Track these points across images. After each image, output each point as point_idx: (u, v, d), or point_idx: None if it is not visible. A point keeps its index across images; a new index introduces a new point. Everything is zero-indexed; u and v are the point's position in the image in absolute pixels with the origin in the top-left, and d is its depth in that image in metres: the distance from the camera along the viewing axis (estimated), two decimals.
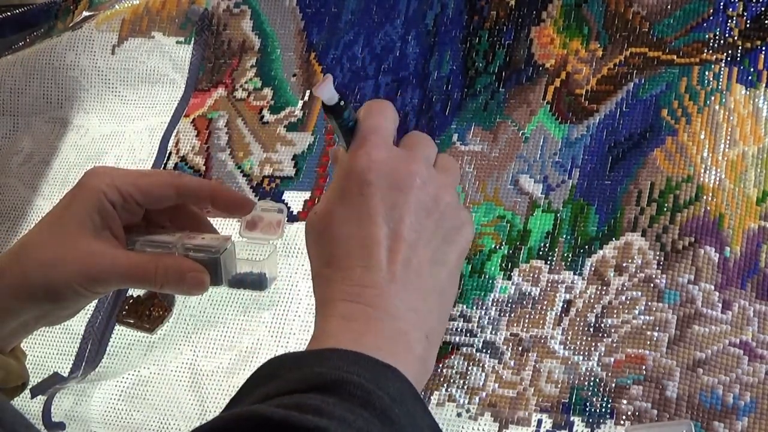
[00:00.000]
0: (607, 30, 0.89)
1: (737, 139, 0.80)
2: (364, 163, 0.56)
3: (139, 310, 0.88)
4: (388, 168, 0.56)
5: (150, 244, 0.66)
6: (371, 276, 0.54)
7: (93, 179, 0.65)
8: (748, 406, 0.69)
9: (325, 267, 0.56)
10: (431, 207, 0.57)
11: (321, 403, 0.47)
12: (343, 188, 0.57)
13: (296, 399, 0.47)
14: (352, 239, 0.55)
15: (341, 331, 0.53)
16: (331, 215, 0.56)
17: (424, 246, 0.56)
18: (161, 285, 0.64)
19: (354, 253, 0.55)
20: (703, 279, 0.75)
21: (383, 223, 0.55)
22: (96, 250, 0.63)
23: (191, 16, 1.07)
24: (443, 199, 0.58)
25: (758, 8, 0.84)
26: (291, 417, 0.45)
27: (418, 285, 0.56)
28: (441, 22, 0.96)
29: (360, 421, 0.46)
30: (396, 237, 0.55)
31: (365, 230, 0.55)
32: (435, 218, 0.57)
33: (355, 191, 0.56)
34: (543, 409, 0.73)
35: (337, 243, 0.56)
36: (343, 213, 0.56)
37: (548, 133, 0.86)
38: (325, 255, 0.56)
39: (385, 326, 0.53)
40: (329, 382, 0.48)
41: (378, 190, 0.56)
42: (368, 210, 0.55)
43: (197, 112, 1.01)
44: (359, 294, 0.54)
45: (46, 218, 0.66)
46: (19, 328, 0.66)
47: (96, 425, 0.84)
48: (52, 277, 0.63)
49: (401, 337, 0.54)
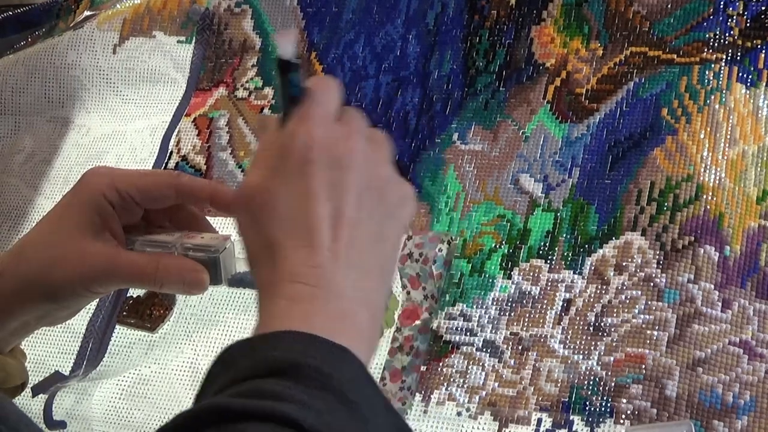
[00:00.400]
0: (608, 29, 0.89)
1: (737, 138, 0.80)
2: (304, 139, 0.56)
3: (139, 309, 0.89)
4: (327, 145, 0.56)
5: (149, 244, 0.66)
6: (315, 256, 0.54)
7: (92, 179, 0.65)
8: (748, 404, 0.69)
9: (265, 248, 0.55)
10: (372, 183, 0.56)
11: (278, 387, 0.47)
12: (282, 164, 0.56)
13: (253, 385, 0.47)
14: (293, 218, 0.55)
15: (288, 313, 0.53)
16: (270, 193, 0.55)
17: (366, 223, 0.56)
18: (161, 285, 0.64)
19: (296, 233, 0.54)
20: (703, 278, 0.75)
21: (326, 202, 0.55)
22: (96, 251, 0.63)
23: (192, 16, 1.07)
24: (383, 175, 0.57)
25: (758, 8, 0.84)
26: (250, 404, 0.45)
27: (362, 263, 0.55)
28: (441, 21, 0.96)
29: (319, 403, 0.46)
30: (339, 215, 0.55)
31: (307, 209, 0.54)
32: (377, 194, 0.56)
33: (294, 169, 0.55)
34: (543, 408, 0.73)
35: (278, 223, 0.55)
36: (282, 190, 0.55)
37: (548, 132, 0.87)
38: (264, 235, 0.55)
39: (332, 306, 0.53)
40: (285, 366, 0.48)
41: (319, 168, 0.55)
42: (310, 188, 0.55)
43: (198, 112, 1.02)
44: (305, 274, 0.53)
45: (45, 219, 0.66)
46: (18, 329, 0.66)
47: (97, 424, 0.84)
48: (52, 277, 0.63)
49: (348, 318, 0.54)
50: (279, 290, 0.53)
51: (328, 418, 0.46)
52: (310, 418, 0.45)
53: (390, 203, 0.57)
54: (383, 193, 0.57)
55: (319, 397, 0.47)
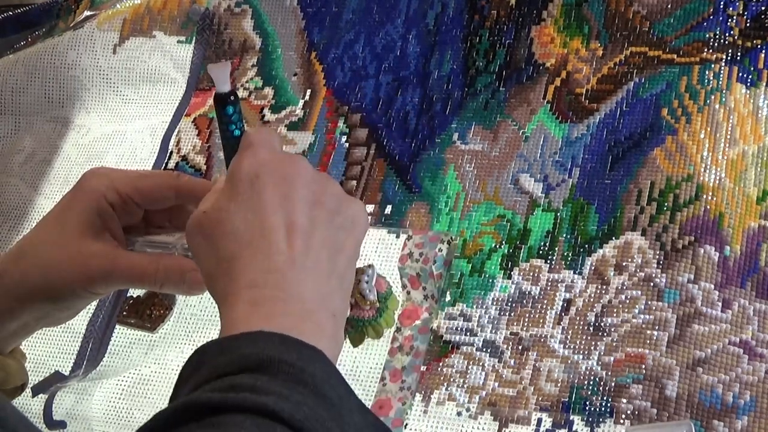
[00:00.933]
0: (608, 29, 0.89)
1: (737, 138, 0.80)
2: (252, 162, 0.57)
3: (139, 310, 0.89)
4: (275, 164, 0.57)
5: (150, 245, 0.66)
6: (272, 261, 0.54)
7: (92, 180, 0.65)
8: (748, 404, 0.69)
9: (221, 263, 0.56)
10: (321, 198, 0.58)
11: (254, 381, 0.47)
12: (232, 188, 0.57)
13: (228, 381, 0.48)
14: (248, 230, 0.55)
15: (250, 316, 0.53)
16: (223, 211, 0.56)
17: (319, 233, 0.57)
18: (161, 285, 0.64)
19: (253, 243, 0.55)
20: (703, 278, 0.75)
21: (278, 211, 0.56)
22: (95, 251, 0.63)
23: (192, 16, 1.07)
24: (331, 190, 0.59)
25: (758, 8, 0.84)
26: (228, 398, 0.46)
27: (318, 269, 0.56)
28: (442, 21, 0.96)
29: (296, 395, 0.47)
30: (291, 224, 0.56)
31: (261, 219, 0.55)
32: (327, 208, 0.58)
33: (245, 188, 0.56)
34: (543, 408, 0.73)
35: (233, 237, 0.56)
36: (235, 208, 0.56)
37: (548, 132, 0.87)
38: (220, 251, 0.56)
39: (293, 308, 0.54)
40: (259, 362, 0.49)
41: (268, 182, 0.56)
42: (261, 201, 0.56)
43: (198, 112, 1.02)
44: (264, 280, 0.54)
45: (45, 220, 0.66)
46: (18, 330, 0.66)
47: (97, 424, 0.84)
48: (52, 278, 0.63)
49: (310, 317, 0.54)
50: (239, 297, 0.54)
51: (306, 409, 0.46)
52: (288, 408, 0.45)
53: (342, 216, 0.58)
54: (334, 208, 0.58)
55: (295, 389, 0.47)
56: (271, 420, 0.45)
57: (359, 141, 0.93)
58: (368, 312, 0.74)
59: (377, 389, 0.78)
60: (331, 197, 0.58)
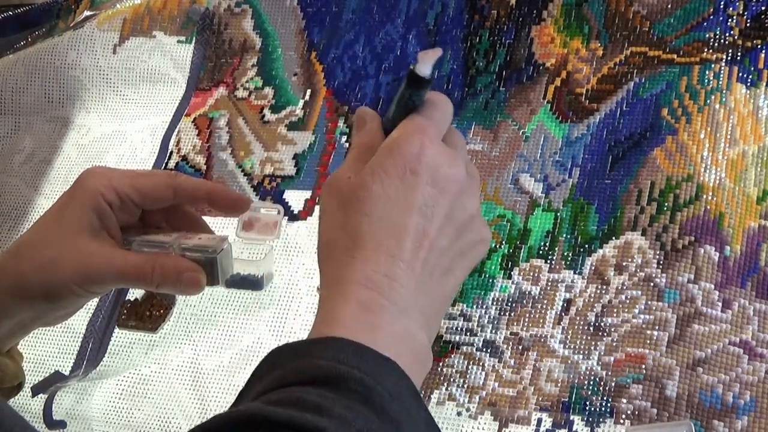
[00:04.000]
0: (608, 29, 0.89)
1: (737, 138, 0.80)
2: (417, 149, 0.55)
3: (138, 311, 0.89)
4: (434, 163, 0.55)
5: (147, 244, 0.66)
6: (394, 266, 0.53)
7: (90, 180, 0.65)
8: (748, 405, 0.69)
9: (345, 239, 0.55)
10: (459, 216, 0.56)
11: (320, 398, 0.46)
12: (385, 165, 0.55)
13: (295, 393, 0.47)
14: (384, 220, 0.54)
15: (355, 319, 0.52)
16: (366, 189, 0.55)
17: (443, 251, 0.56)
18: (157, 285, 0.64)
19: (382, 236, 0.54)
20: (703, 278, 0.75)
21: (418, 216, 0.54)
22: (93, 250, 0.63)
23: (192, 16, 1.07)
24: (470, 212, 0.57)
25: (758, 7, 0.84)
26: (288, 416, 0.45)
27: (430, 288, 0.55)
28: (442, 21, 0.96)
29: (360, 421, 0.46)
30: (424, 234, 0.54)
31: (400, 217, 0.54)
32: (459, 228, 0.56)
33: (398, 174, 0.55)
34: (543, 408, 0.73)
35: (367, 219, 0.54)
36: (379, 191, 0.54)
37: (548, 132, 0.87)
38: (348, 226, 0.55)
39: (397, 323, 0.53)
40: (329, 376, 0.48)
41: (421, 182, 0.55)
42: (407, 198, 0.54)
43: (198, 112, 1.02)
44: (380, 283, 0.53)
45: (42, 219, 0.66)
46: (15, 329, 0.66)
47: (97, 424, 0.84)
48: (50, 277, 0.63)
49: (408, 337, 0.53)
50: (351, 290, 0.53)
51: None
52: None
53: (467, 240, 0.57)
54: (464, 229, 0.57)
55: (359, 411, 0.46)
56: None
57: None
58: None
59: None
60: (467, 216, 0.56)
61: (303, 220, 0.90)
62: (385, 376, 0.49)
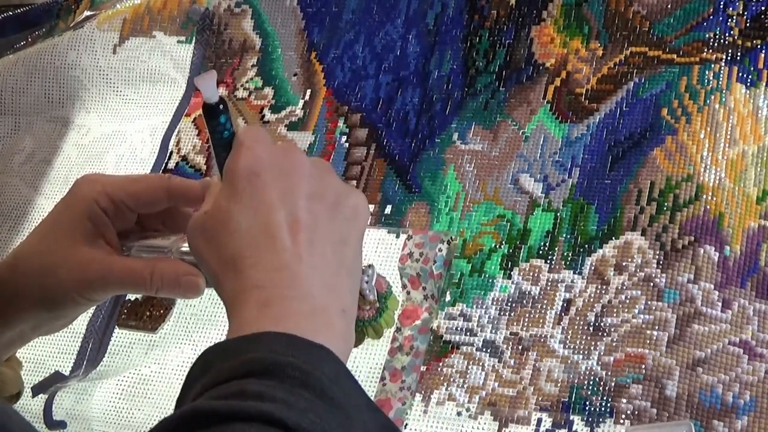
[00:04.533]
0: (608, 29, 0.89)
1: (737, 138, 0.80)
2: (249, 159, 0.56)
3: (138, 312, 0.89)
4: (272, 159, 0.57)
5: (145, 250, 0.66)
6: (278, 258, 0.54)
7: (83, 187, 0.65)
8: (748, 404, 0.69)
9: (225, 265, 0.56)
10: (321, 191, 0.57)
11: (261, 387, 0.47)
12: (231, 187, 0.56)
13: (235, 386, 0.47)
14: (252, 229, 0.55)
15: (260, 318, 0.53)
16: (224, 212, 0.56)
17: (323, 227, 0.56)
18: (157, 289, 0.64)
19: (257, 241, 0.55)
20: (702, 278, 0.75)
21: (280, 208, 0.55)
22: (91, 258, 0.63)
23: (192, 16, 1.07)
24: (331, 183, 0.58)
25: (758, 8, 0.84)
26: (234, 406, 0.45)
27: (325, 263, 0.56)
28: (441, 21, 0.96)
29: (302, 402, 0.47)
30: (294, 220, 0.55)
31: (263, 217, 0.55)
32: (328, 201, 0.57)
33: (244, 186, 0.56)
34: (543, 408, 0.73)
35: (237, 236, 0.55)
36: (236, 208, 0.56)
37: (548, 132, 0.87)
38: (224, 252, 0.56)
39: (302, 306, 0.53)
40: (266, 366, 0.48)
41: (268, 179, 0.56)
42: (262, 199, 0.55)
43: (198, 112, 1.02)
44: (271, 279, 0.54)
45: (38, 228, 0.66)
46: (14, 338, 0.66)
47: (97, 424, 0.84)
48: (49, 286, 0.63)
49: (320, 315, 0.54)
50: (247, 297, 0.54)
51: (312, 416, 0.46)
52: (294, 416, 0.45)
53: (343, 207, 0.58)
54: (335, 200, 0.57)
55: (301, 395, 0.47)
56: (277, 428, 0.45)
57: (359, 141, 0.93)
58: (368, 312, 0.74)
59: (377, 389, 0.78)
60: (331, 189, 0.58)
61: None
62: (320, 361, 0.50)
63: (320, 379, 0.48)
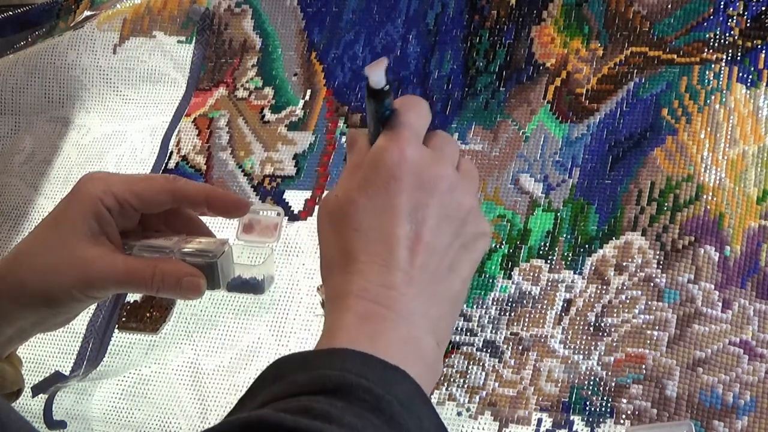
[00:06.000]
0: (608, 29, 0.89)
1: (737, 138, 0.80)
2: (396, 157, 0.55)
3: (138, 313, 0.89)
4: (417, 167, 0.55)
5: (147, 249, 0.66)
6: (390, 276, 0.53)
7: (88, 185, 0.65)
8: (748, 405, 0.69)
9: (340, 256, 0.55)
10: (454, 213, 0.56)
11: (330, 407, 0.46)
12: (368, 178, 0.55)
13: (304, 402, 0.47)
14: (373, 233, 0.54)
15: (355, 330, 0.52)
16: (353, 203, 0.55)
17: (442, 251, 0.55)
18: (158, 290, 0.64)
19: (373, 249, 0.54)
20: (703, 278, 0.75)
21: (406, 222, 0.54)
22: (93, 256, 0.63)
23: (192, 16, 1.07)
24: (466, 207, 0.56)
25: (758, 8, 0.84)
26: (301, 423, 0.45)
27: (433, 291, 0.55)
28: (442, 21, 0.96)
29: (370, 429, 0.46)
30: (417, 238, 0.54)
31: (387, 226, 0.54)
32: (456, 225, 0.56)
33: (381, 184, 0.55)
34: (543, 408, 0.73)
35: (357, 234, 0.54)
36: (365, 204, 0.54)
37: (549, 132, 0.87)
38: (341, 243, 0.55)
39: (399, 330, 0.52)
40: (338, 386, 0.47)
41: (405, 188, 0.54)
42: (393, 206, 0.54)
43: (198, 112, 1.02)
44: (376, 293, 0.53)
45: (41, 225, 0.66)
46: (15, 335, 0.66)
47: (97, 424, 0.84)
48: (50, 283, 0.63)
49: (413, 343, 0.53)
50: (349, 304, 0.53)
51: None
52: None
53: (467, 236, 0.56)
54: (462, 225, 0.56)
55: (368, 419, 0.46)
56: None
57: None
58: None
59: None
60: (463, 212, 0.56)
61: (303, 220, 0.90)
62: (394, 384, 0.49)
63: (391, 403, 0.47)
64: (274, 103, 0.99)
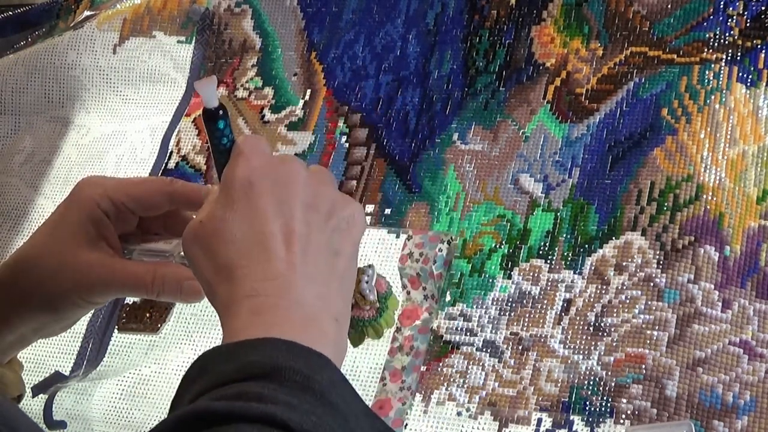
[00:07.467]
0: (608, 29, 0.89)
1: (737, 138, 0.80)
2: (245, 167, 0.57)
3: (138, 314, 0.88)
4: (268, 168, 0.57)
5: (147, 254, 0.66)
6: (272, 268, 0.54)
7: (84, 189, 0.65)
8: (748, 404, 0.69)
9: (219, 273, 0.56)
10: (317, 201, 0.57)
11: (262, 389, 0.47)
12: (227, 195, 0.56)
13: (236, 389, 0.47)
14: (246, 239, 0.55)
15: (252, 325, 0.53)
16: (221, 220, 0.56)
17: (317, 237, 0.56)
18: (158, 294, 0.64)
19: (251, 251, 0.55)
20: (703, 278, 0.75)
21: (274, 218, 0.55)
22: (93, 261, 0.63)
23: (192, 16, 1.07)
24: (328, 195, 0.58)
25: (758, 7, 0.84)
26: (236, 407, 0.45)
27: (318, 273, 0.56)
28: (442, 21, 0.96)
29: (304, 404, 0.47)
30: (288, 230, 0.55)
31: (258, 227, 0.55)
32: (322, 211, 0.57)
33: (241, 194, 0.56)
34: (543, 408, 0.73)
35: (231, 246, 0.55)
36: (232, 216, 0.56)
37: (548, 132, 0.87)
38: (218, 261, 0.56)
39: (294, 314, 0.53)
40: (266, 370, 0.48)
41: (263, 189, 0.56)
42: (257, 208, 0.55)
43: (198, 112, 1.02)
44: (263, 288, 0.54)
45: (40, 231, 0.66)
46: (15, 341, 0.66)
47: (97, 424, 0.84)
48: (50, 289, 0.63)
49: (312, 323, 0.54)
50: (239, 307, 0.53)
51: (314, 418, 0.46)
52: (297, 417, 0.45)
53: (338, 218, 0.58)
54: (330, 210, 0.57)
55: (302, 398, 0.47)
56: (280, 430, 0.45)
57: (359, 141, 0.93)
58: (368, 312, 0.74)
59: (377, 389, 0.78)
60: (326, 199, 0.58)
61: None
62: (318, 367, 0.50)
63: (320, 383, 0.48)
64: (273, 103, 0.99)
